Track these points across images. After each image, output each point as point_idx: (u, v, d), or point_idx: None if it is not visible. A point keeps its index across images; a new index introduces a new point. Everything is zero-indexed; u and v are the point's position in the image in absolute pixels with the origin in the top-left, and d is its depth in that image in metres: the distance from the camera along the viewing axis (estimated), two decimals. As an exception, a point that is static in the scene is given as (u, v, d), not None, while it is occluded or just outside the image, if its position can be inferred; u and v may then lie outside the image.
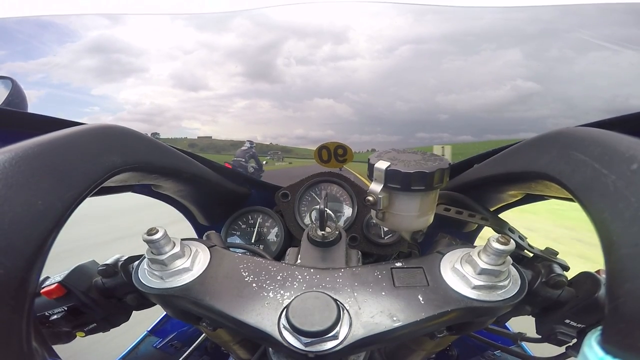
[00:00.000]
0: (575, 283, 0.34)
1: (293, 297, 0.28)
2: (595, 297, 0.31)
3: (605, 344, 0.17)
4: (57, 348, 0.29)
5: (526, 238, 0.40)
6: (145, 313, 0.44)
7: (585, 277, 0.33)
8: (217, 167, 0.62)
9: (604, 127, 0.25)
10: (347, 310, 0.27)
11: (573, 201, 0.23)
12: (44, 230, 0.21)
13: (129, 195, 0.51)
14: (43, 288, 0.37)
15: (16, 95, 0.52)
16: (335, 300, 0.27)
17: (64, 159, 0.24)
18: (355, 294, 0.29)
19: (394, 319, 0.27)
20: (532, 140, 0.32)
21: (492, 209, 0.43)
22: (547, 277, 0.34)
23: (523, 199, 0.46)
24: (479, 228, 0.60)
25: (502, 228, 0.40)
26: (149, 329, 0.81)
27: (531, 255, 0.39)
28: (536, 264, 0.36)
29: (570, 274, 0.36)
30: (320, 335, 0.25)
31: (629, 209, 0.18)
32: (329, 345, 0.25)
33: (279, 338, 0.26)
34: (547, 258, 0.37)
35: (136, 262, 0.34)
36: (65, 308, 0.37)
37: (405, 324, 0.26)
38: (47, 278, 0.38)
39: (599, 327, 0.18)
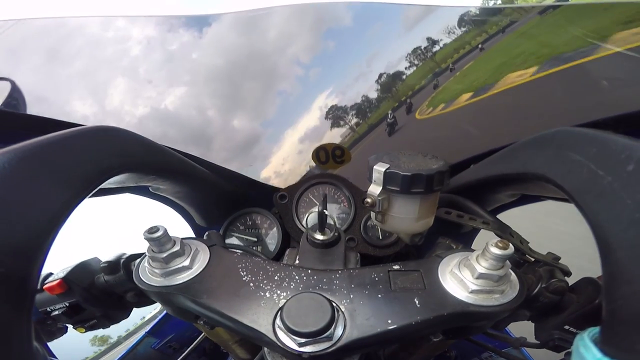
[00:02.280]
0: (577, 289, 0.34)
1: (289, 298, 0.28)
2: (595, 303, 0.30)
3: (603, 345, 0.17)
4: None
5: (528, 242, 0.40)
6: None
7: (587, 283, 0.33)
8: (215, 168, 0.62)
9: (600, 126, 0.25)
10: (342, 312, 0.27)
11: (570, 202, 0.23)
12: (43, 230, 0.21)
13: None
14: (46, 284, 0.37)
15: (15, 96, 0.53)
16: (330, 302, 0.27)
17: (63, 160, 0.25)
18: (352, 296, 0.29)
19: (389, 321, 0.26)
20: (528, 140, 0.31)
21: (488, 210, 0.43)
22: (547, 283, 0.33)
23: (519, 200, 0.45)
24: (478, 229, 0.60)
25: (503, 232, 0.39)
26: (147, 330, 0.82)
27: (532, 259, 0.39)
28: (537, 269, 0.36)
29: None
30: (314, 335, 0.25)
31: (626, 210, 0.18)
32: (323, 346, 0.25)
33: (274, 338, 0.26)
34: (548, 263, 0.37)
35: (137, 260, 0.34)
36: (67, 304, 0.38)
37: (400, 326, 0.26)
38: (50, 274, 0.39)
39: (591, 328, 0.18)
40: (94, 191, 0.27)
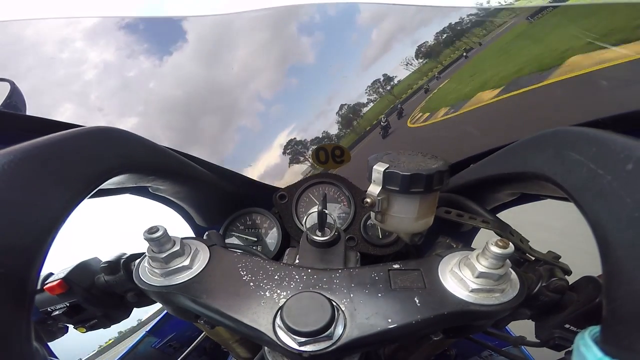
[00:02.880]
0: (577, 287, 0.34)
1: (289, 297, 0.28)
2: (596, 302, 0.30)
3: (604, 344, 0.17)
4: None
5: (528, 241, 0.40)
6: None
7: (587, 282, 0.33)
8: (215, 168, 0.62)
9: (599, 126, 0.25)
10: (342, 311, 0.27)
11: (569, 201, 0.23)
12: (43, 231, 0.21)
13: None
14: (46, 284, 0.37)
15: (15, 97, 0.53)
16: (330, 301, 0.27)
17: (63, 161, 0.25)
18: (352, 295, 0.29)
19: (389, 320, 0.26)
20: (527, 140, 0.31)
21: (488, 209, 0.43)
22: (547, 281, 0.33)
23: (519, 199, 0.46)
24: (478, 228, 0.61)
25: (503, 231, 0.39)
26: (147, 330, 0.82)
27: (533, 258, 0.39)
28: (537, 268, 0.36)
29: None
30: (314, 335, 0.25)
31: (625, 210, 0.18)
32: (323, 345, 0.25)
33: (274, 337, 0.26)
34: (549, 262, 0.37)
35: (137, 260, 0.34)
36: (67, 304, 0.38)
37: (400, 325, 0.26)
38: (50, 274, 0.39)
39: (591, 327, 0.18)
40: (93, 192, 0.27)
